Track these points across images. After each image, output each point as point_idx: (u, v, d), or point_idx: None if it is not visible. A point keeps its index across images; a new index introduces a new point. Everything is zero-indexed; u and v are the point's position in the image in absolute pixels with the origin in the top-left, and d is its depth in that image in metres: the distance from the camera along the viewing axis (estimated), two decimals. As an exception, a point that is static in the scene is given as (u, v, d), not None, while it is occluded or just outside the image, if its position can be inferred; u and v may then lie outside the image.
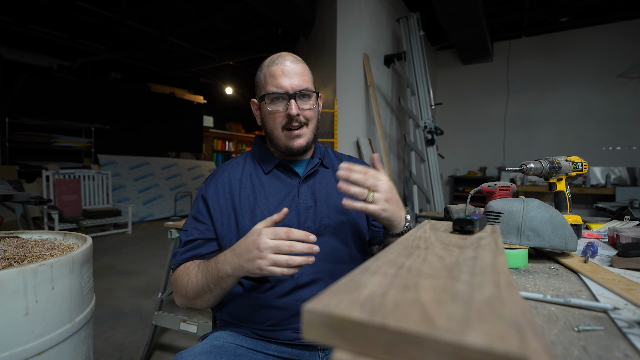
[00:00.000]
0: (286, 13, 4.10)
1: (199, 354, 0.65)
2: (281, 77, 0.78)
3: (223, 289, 0.70)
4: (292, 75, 0.79)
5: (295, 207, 0.80)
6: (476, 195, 1.00)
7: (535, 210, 0.68)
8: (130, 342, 1.82)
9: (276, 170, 0.86)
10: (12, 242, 1.04)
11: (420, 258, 0.34)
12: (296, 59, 0.82)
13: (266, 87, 0.80)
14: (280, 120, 0.80)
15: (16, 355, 0.76)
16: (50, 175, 4.32)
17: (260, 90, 0.83)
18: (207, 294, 0.71)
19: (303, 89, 0.80)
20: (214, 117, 8.58)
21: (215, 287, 0.70)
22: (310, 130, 0.84)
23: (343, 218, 0.82)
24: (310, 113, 0.82)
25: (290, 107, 0.78)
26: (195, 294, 0.73)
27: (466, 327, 0.18)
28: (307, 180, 0.85)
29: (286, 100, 0.79)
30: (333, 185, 0.87)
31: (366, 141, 3.67)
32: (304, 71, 0.82)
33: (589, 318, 0.43)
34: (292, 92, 0.78)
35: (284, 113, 0.79)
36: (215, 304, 0.76)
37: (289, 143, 0.81)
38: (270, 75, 0.80)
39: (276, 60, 0.81)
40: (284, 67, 0.79)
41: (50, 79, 5.42)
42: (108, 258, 3.45)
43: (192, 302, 0.75)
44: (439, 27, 5.27)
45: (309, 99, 0.82)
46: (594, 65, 5.26)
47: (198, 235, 0.80)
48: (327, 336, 0.20)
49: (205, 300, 0.73)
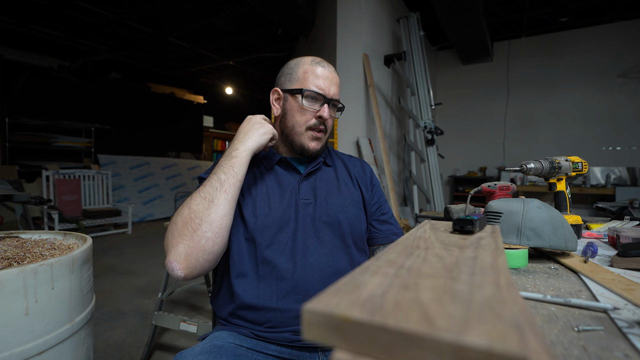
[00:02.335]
0: (286, 13, 4.10)
1: (199, 353, 0.65)
2: (325, 80, 0.82)
3: (237, 175, 0.71)
4: (334, 83, 0.84)
5: (295, 202, 0.81)
6: (476, 195, 1.00)
7: (535, 210, 0.68)
8: (130, 342, 1.82)
9: (277, 167, 0.87)
10: (12, 242, 1.04)
11: (420, 258, 0.34)
12: (335, 70, 0.88)
13: (306, 84, 0.82)
14: (308, 118, 0.82)
15: (16, 355, 0.76)
16: (50, 175, 4.32)
17: (294, 83, 0.84)
18: (219, 191, 0.68)
19: (338, 99, 0.86)
20: (214, 117, 8.58)
21: (226, 179, 0.70)
22: (326, 138, 0.88)
23: (342, 216, 0.82)
24: (332, 123, 0.87)
25: (323, 110, 0.81)
26: (204, 202, 0.67)
27: (466, 327, 0.18)
28: (308, 177, 0.86)
29: (321, 103, 0.82)
30: (334, 183, 0.88)
31: (366, 141, 3.68)
32: (339, 83, 0.87)
33: (589, 318, 0.43)
34: (329, 98, 0.83)
35: (314, 113, 0.82)
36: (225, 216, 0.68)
37: (308, 143, 0.83)
38: (314, 74, 0.82)
39: (322, 63, 0.85)
40: (329, 73, 0.84)
41: (50, 79, 5.42)
42: (108, 258, 3.45)
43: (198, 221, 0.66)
44: (439, 27, 5.27)
45: (336, 111, 0.88)
46: (594, 65, 5.26)
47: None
48: (327, 336, 0.20)
49: (216, 206, 0.67)
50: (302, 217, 0.79)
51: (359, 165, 0.96)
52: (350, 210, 0.84)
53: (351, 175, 0.92)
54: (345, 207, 0.83)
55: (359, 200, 0.88)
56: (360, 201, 0.88)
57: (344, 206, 0.83)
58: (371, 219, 0.90)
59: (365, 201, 0.89)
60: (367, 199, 0.90)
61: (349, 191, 0.87)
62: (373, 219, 0.91)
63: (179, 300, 2.38)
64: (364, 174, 0.94)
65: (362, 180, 0.92)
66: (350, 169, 0.93)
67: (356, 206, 0.86)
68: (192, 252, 0.65)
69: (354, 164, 0.95)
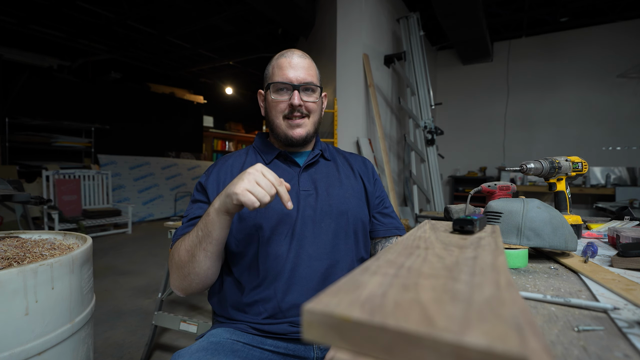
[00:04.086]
0: (286, 13, 4.10)
1: (196, 351, 0.66)
2: (288, 69, 0.82)
3: (209, 233, 0.67)
4: (298, 68, 0.82)
5: (296, 194, 0.81)
6: (476, 195, 1.00)
7: (535, 210, 0.68)
8: (130, 342, 1.82)
9: (277, 160, 0.88)
10: (12, 242, 1.04)
11: (420, 258, 0.34)
12: (304, 54, 0.86)
13: (273, 78, 0.83)
14: (282, 109, 0.83)
15: (16, 355, 0.76)
16: (50, 175, 4.31)
17: (267, 81, 0.86)
18: (197, 248, 0.68)
19: (307, 82, 0.82)
20: (214, 117, 8.57)
21: (202, 234, 0.68)
22: (312, 122, 0.86)
23: (344, 207, 0.82)
24: (313, 106, 0.84)
25: (293, 98, 0.81)
26: (187, 254, 0.70)
27: (466, 327, 0.18)
28: (307, 169, 0.87)
29: (290, 91, 0.82)
30: (334, 175, 0.88)
31: (366, 141, 3.68)
32: (310, 66, 0.85)
33: (589, 318, 0.43)
34: (296, 84, 0.81)
35: (287, 103, 0.82)
36: (207, 267, 0.71)
37: (288, 132, 0.83)
38: (278, 67, 0.83)
39: (285, 54, 0.84)
40: (291, 60, 0.83)
41: (50, 79, 5.41)
42: (108, 258, 3.45)
43: (186, 270, 0.71)
44: (439, 27, 5.27)
45: (312, 93, 0.84)
46: (594, 65, 5.26)
47: (200, 213, 0.79)
48: (327, 336, 0.20)
49: (197, 260, 0.69)
50: (303, 208, 0.80)
51: (360, 161, 0.96)
52: (351, 201, 0.84)
53: (353, 168, 0.92)
54: (347, 198, 0.84)
55: (361, 192, 0.89)
56: (362, 193, 0.89)
57: (345, 197, 0.84)
58: (374, 212, 0.90)
59: (368, 193, 0.90)
60: (370, 191, 0.90)
61: (350, 183, 0.88)
62: (376, 212, 0.91)
63: (179, 300, 2.38)
64: (366, 169, 0.94)
65: (364, 174, 0.92)
66: (352, 163, 0.94)
67: (358, 197, 0.87)
68: (186, 287, 0.75)
69: (355, 160, 0.96)
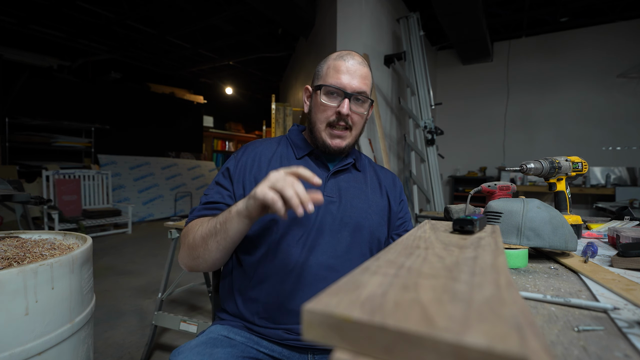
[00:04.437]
0: (286, 13, 4.10)
1: (195, 346, 0.67)
2: (344, 74, 0.78)
3: (226, 230, 0.66)
4: (355, 75, 0.78)
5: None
6: (476, 195, 1.00)
7: (535, 210, 0.68)
8: (130, 342, 1.82)
9: (308, 158, 0.85)
10: (12, 242, 1.04)
11: (420, 258, 0.34)
12: (363, 62, 0.81)
13: (326, 79, 0.79)
14: (328, 115, 0.79)
15: (16, 355, 0.76)
16: (50, 175, 4.31)
17: (318, 80, 0.81)
18: (212, 237, 0.68)
19: (361, 92, 0.78)
20: (214, 117, 8.57)
21: (220, 227, 0.67)
22: (354, 135, 0.82)
23: (364, 222, 0.80)
24: (359, 118, 0.81)
25: (343, 106, 0.77)
26: (201, 239, 0.70)
27: (466, 327, 0.18)
28: (335, 175, 0.84)
29: (341, 98, 0.78)
30: (361, 188, 0.85)
31: (366, 141, 3.68)
32: (367, 75, 0.80)
33: (589, 318, 0.43)
34: (349, 92, 0.77)
35: (334, 110, 0.78)
36: (215, 258, 0.70)
37: (327, 141, 0.80)
38: (334, 69, 0.79)
39: (344, 57, 0.80)
40: (349, 66, 0.78)
41: (50, 79, 5.41)
42: (108, 258, 3.44)
43: (196, 253, 0.71)
44: (439, 27, 5.27)
45: (363, 104, 0.80)
46: (594, 65, 5.26)
47: (219, 199, 0.79)
48: (327, 336, 0.20)
49: (209, 248, 0.69)
50: (323, 214, 0.77)
51: (390, 178, 0.93)
52: (373, 218, 0.81)
53: (381, 184, 0.89)
54: (369, 213, 0.81)
55: (385, 209, 0.86)
56: (385, 211, 0.86)
57: (368, 212, 0.81)
58: (393, 232, 0.88)
59: (392, 213, 0.87)
60: (394, 211, 0.87)
61: (375, 199, 0.85)
62: (395, 233, 0.88)
63: (179, 300, 2.38)
64: (394, 187, 0.91)
65: (391, 192, 0.89)
66: (382, 179, 0.90)
67: (380, 214, 0.84)
68: (193, 267, 0.75)
69: (385, 175, 0.93)
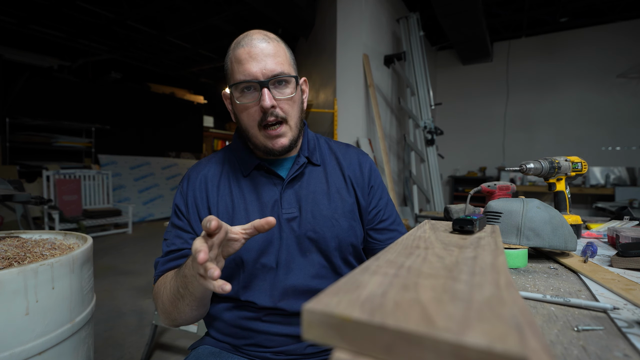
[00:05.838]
0: (286, 13, 4.10)
1: None
2: (248, 62, 0.64)
3: (191, 293, 0.59)
4: (262, 57, 0.64)
5: (277, 218, 0.70)
6: (476, 195, 1.00)
7: (535, 210, 0.68)
8: (130, 342, 1.82)
9: (256, 172, 0.73)
10: (13, 242, 1.04)
11: (420, 258, 0.34)
12: (267, 37, 0.66)
13: (233, 75, 0.66)
14: (254, 115, 0.66)
15: (16, 355, 0.76)
16: (51, 175, 4.32)
17: (228, 80, 0.69)
18: (180, 301, 0.62)
19: (277, 74, 0.64)
20: (214, 117, 8.58)
21: (184, 292, 0.60)
22: (293, 125, 0.69)
23: (331, 231, 0.70)
24: (289, 104, 0.67)
25: (263, 98, 0.63)
26: (170, 304, 0.64)
27: (466, 327, 0.18)
28: (291, 184, 0.73)
29: (258, 90, 0.65)
30: (323, 189, 0.74)
31: (366, 141, 3.68)
32: (277, 51, 0.66)
33: (588, 318, 0.43)
34: (263, 79, 0.64)
35: (257, 106, 0.65)
36: (194, 316, 0.66)
37: (268, 144, 0.68)
38: (236, 61, 0.65)
39: (241, 42, 0.66)
40: (251, 49, 0.64)
41: (50, 79, 5.41)
42: (108, 258, 3.45)
43: (172, 316, 0.66)
44: (439, 27, 5.27)
45: (286, 86, 0.67)
46: (594, 65, 5.26)
47: (181, 244, 0.71)
48: (326, 336, 0.20)
49: (182, 311, 0.64)
50: (286, 235, 0.69)
51: (355, 162, 0.78)
52: (340, 224, 0.72)
53: (345, 177, 0.76)
54: (334, 220, 0.71)
55: (353, 208, 0.75)
56: (354, 209, 0.75)
57: (333, 219, 0.71)
58: (368, 228, 0.78)
59: (362, 208, 0.76)
60: (364, 206, 0.76)
61: (340, 198, 0.74)
62: (370, 228, 0.78)
63: (179, 300, 2.38)
64: (361, 174, 0.78)
65: (358, 183, 0.77)
66: (345, 168, 0.77)
67: (348, 217, 0.73)
68: (177, 325, 0.70)
69: (349, 162, 0.78)
